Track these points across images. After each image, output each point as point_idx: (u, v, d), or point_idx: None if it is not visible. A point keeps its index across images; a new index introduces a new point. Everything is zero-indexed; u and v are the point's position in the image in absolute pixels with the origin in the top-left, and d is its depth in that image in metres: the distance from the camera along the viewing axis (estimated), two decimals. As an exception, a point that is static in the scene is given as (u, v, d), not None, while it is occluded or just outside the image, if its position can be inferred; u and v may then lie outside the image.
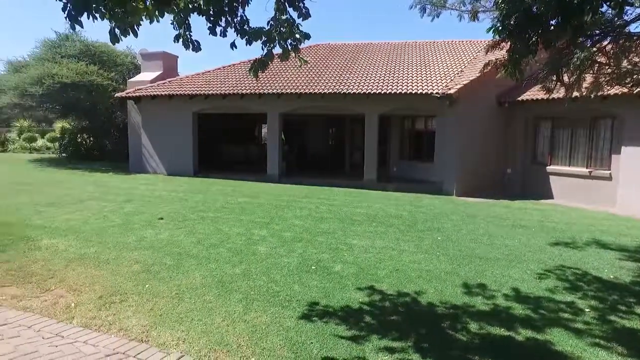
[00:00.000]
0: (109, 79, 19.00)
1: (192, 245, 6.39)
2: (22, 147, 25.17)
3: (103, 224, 7.61)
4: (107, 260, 5.71)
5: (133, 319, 4.05)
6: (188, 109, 15.62)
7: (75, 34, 21.63)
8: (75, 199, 9.94)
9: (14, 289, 4.73)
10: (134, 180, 13.82)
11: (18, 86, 17.83)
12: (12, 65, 20.49)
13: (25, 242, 6.35)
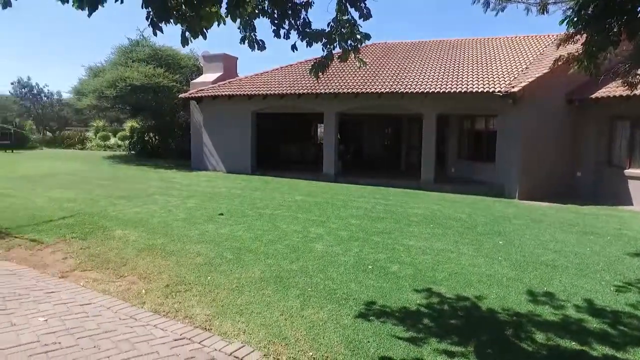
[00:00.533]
0: (173, 80, 20.06)
1: (250, 241, 6.60)
2: (97, 145, 27.24)
3: (168, 217, 8.06)
4: (172, 251, 6.04)
5: (197, 307, 4.26)
6: (247, 108, 16.12)
7: (145, 39, 23.10)
8: (143, 193, 10.60)
9: (95, 273, 5.15)
10: (196, 177, 14.50)
11: (96, 89, 19.33)
12: (92, 71, 22.26)
13: (102, 232, 6.88)
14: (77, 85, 22.89)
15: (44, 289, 4.58)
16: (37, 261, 5.53)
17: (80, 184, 11.84)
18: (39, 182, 12.10)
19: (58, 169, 15.55)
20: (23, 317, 3.83)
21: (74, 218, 7.70)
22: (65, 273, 5.15)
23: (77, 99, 23.31)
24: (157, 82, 19.15)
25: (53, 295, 4.43)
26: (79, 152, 24.32)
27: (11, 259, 5.53)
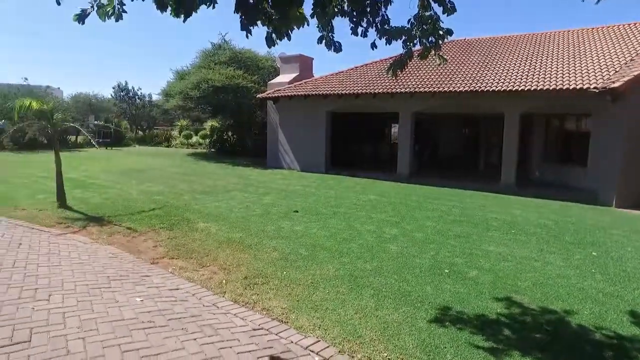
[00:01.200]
0: (252, 81, 20.93)
1: (325, 239, 6.69)
2: (181, 142, 29.28)
3: (246, 213, 8.42)
4: (250, 245, 6.31)
5: (274, 300, 4.41)
6: (322, 108, 16.36)
7: (226, 43, 24.36)
8: (223, 189, 11.18)
9: (181, 261, 5.54)
10: (271, 174, 15.01)
11: (182, 91, 20.77)
12: (178, 74, 23.96)
13: (187, 224, 7.37)
14: (165, 88, 24.76)
15: (139, 273, 5.02)
16: (132, 247, 6.07)
17: (166, 179, 12.79)
18: (133, 176, 13.27)
19: (148, 164, 16.94)
20: (124, 295, 4.24)
21: (162, 210, 8.33)
22: (156, 260, 5.60)
23: (165, 100, 25.22)
24: (236, 83, 20.10)
25: (147, 279, 4.84)
26: (164, 150, 26.30)
27: (113, 244, 6.13)
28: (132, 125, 34.85)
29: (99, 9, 3.67)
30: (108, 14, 3.72)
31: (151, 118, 35.77)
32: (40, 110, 8.26)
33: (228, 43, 24.42)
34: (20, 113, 8.16)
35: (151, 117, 35.61)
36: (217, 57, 22.85)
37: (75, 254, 5.53)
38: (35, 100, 8.36)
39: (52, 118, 8.54)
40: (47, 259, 5.21)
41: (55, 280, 4.52)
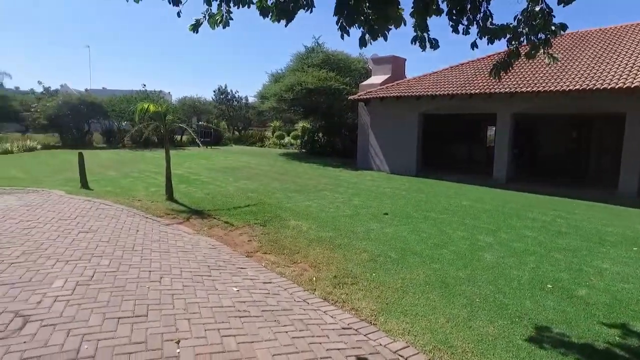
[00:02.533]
0: (343, 83, 21.16)
1: (415, 243, 6.53)
2: (274, 143, 30.62)
3: (336, 212, 8.53)
4: (339, 245, 6.38)
5: (363, 301, 4.41)
6: (414, 109, 16.00)
7: (319, 46, 24.95)
8: (314, 188, 11.46)
9: (273, 256, 5.79)
10: (361, 176, 15.04)
11: (276, 93, 21.72)
12: (273, 77, 25.12)
13: (279, 220, 7.69)
14: (261, 90, 26.08)
15: (235, 264, 5.35)
16: (229, 240, 6.50)
17: (260, 177, 13.46)
18: (230, 173, 14.19)
19: (243, 163, 17.99)
20: (222, 284, 4.55)
21: (256, 206, 8.78)
22: (250, 253, 5.93)
23: (261, 102, 26.55)
24: (329, 85, 20.48)
25: (242, 271, 5.14)
26: (258, 149, 27.68)
27: (212, 236, 6.62)
28: (230, 126, 37.26)
29: (210, 18, 3.99)
30: (217, 22, 4.03)
31: (246, 119, 37.88)
32: (156, 112, 9.21)
33: (321, 46, 25.01)
34: (140, 115, 9.19)
35: (247, 118, 37.71)
36: (311, 60, 23.49)
37: (181, 242, 6.08)
38: (152, 103, 9.34)
39: (164, 119, 9.48)
40: (158, 245, 5.80)
41: (165, 264, 5.01)
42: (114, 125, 28.50)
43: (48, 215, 7.00)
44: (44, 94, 32.44)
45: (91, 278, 4.39)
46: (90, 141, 27.47)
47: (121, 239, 5.88)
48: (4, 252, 5.06)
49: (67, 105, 25.90)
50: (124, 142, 27.16)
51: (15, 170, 14.03)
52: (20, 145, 21.85)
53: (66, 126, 26.56)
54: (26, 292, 3.94)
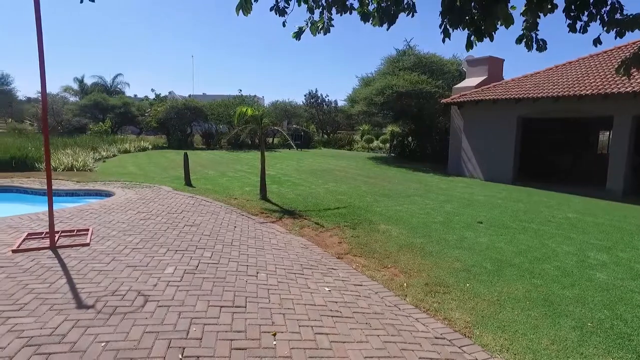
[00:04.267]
0: (436, 86, 20.53)
1: (513, 255, 6.11)
2: (362, 146, 30.70)
3: (426, 219, 8.30)
4: (430, 252, 6.20)
5: (456, 312, 4.23)
6: (512, 113, 14.99)
7: (411, 48, 24.49)
8: (403, 193, 11.27)
9: (363, 259, 5.81)
10: (452, 182, 14.45)
11: (366, 97, 21.77)
12: (363, 80, 25.21)
13: (368, 224, 7.68)
14: (350, 94, 26.31)
15: (326, 265, 5.46)
16: (320, 241, 6.65)
17: (349, 180, 13.58)
18: (320, 175, 14.52)
19: (332, 165, 18.28)
20: (314, 283, 4.68)
21: (346, 209, 8.87)
22: (341, 255, 6.00)
23: (350, 106, 26.79)
24: (420, 88, 20.02)
25: (333, 272, 5.23)
26: (346, 152, 27.93)
27: (303, 236, 6.84)
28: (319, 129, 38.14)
29: (312, 25, 4.15)
30: (318, 29, 4.18)
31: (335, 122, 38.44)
32: (253, 116, 9.76)
33: (413, 48, 24.54)
34: (239, 118, 9.81)
35: (335, 121, 38.28)
36: (402, 63, 23.16)
37: (275, 240, 6.36)
38: (250, 107, 9.92)
39: (261, 122, 10.01)
40: (254, 242, 6.13)
41: (260, 260, 5.29)
42: (213, 127, 30.74)
43: (159, 209, 7.77)
44: (156, 100, 36.10)
45: (196, 268, 4.78)
46: (192, 142, 29.94)
47: (221, 234, 6.33)
48: (127, 238, 5.73)
49: (174, 110, 28.54)
50: (221, 143, 29.19)
51: (132, 167, 15.81)
52: (135, 146, 24.55)
53: (172, 129, 29.27)
54: (145, 275, 4.42)
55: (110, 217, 6.91)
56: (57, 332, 3.22)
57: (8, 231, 5.90)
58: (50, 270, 4.49)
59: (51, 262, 4.72)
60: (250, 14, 4.00)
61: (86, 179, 11.18)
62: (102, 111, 33.84)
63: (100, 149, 19.88)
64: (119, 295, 3.93)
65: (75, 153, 16.46)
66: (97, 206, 7.80)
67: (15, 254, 4.94)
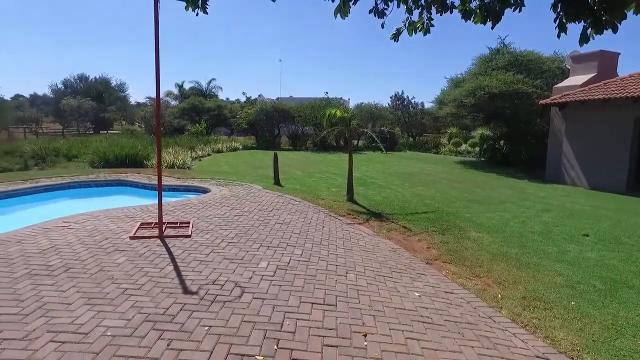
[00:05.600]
0: (533, 86, 19.05)
1: (630, 275, 5.46)
2: (449, 150, 29.50)
3: (522, 228, 7.75)
4: (527, 263, 5.78)
5: (560, 331, 3.89)
6: (628, 114, 13.39)
7: (506, 47, 23.02)
8: (495, 200, 10.63)
9: (453, 266, 5.60)
10: (551, 189, 13.30)
11: (456, 98, 20.88)
12: (452, 82, 24.26)
13: (458, 230, 7.38)
14: (439, 96, 25.44)
15: (415, 269, 5.35)
16: (408, 245, 6.52)
17: (436, 184, 13.14)
18: (406, 179, 14.25)
19: (419, 169, 17.83)
20: (403, 287, 4.61)
21: (434, 214, 8.60)
22: (430, 260, 5.84)
23: (438, 108, 25.91)
24: (515, 88, 18.73)
25: (422, 277, 5.11)
26: (433, 156, 27.03)
27: (391, 239, 6.76)
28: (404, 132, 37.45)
29: (410, 26, 4.09)
30: (417, 30, 4.11)
31: (422, 125, 37.46)
32: (342, 118, 9.88)
33: (508, 46, 23.05)
34: (328, 120, 9.99)
35: (422, 124, 37.30)
36: (495, 62, 21.87)
37: (363, 242, 6.37)
38: (339, 109, 10.05)
39: (349, 124, 10.10)
40: (342, 242, 6.21)
41: (349, 261, 5.33)
42: (299, 129, 31.66)
43: (251, 206, 8.19)
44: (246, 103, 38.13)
45: (288, 264, 4.96)
46: (279, 143, 31.11)
47: (310, 233, 6.49)
48: (224, 232, 6.14)
49: (263, 112, 29.90)
50: (306, 144, 29.96)
51: (225, 166, 16.86)
52: (227, 146, 26.15)
53: (261, 130, 30.68)
54: (241, 268, 4.70)
55: (207, 212, 7.44)
56: (169, 312, 3.55)
57: (126, 220, 6.63)
58: (160, 257, 4.96)
59: (160, 250, 5.22)
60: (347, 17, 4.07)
61: (185, 176, 12.15)
62: (198, 113, 36.57)
63: (196, 149, 21.51)
64: (219, 284, 4.22)
65: (176, 152, 18.00)
66: (196, 201, 8.44)
67: (132, 240, 5.55)
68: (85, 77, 50.54)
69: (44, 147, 17.07)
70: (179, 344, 3.08)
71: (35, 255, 4.81)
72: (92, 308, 3.58)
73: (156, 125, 6.05)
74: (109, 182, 11.04)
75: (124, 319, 3.40)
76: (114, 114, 45.70)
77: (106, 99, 47.48)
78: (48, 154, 16.48)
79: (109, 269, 4.48)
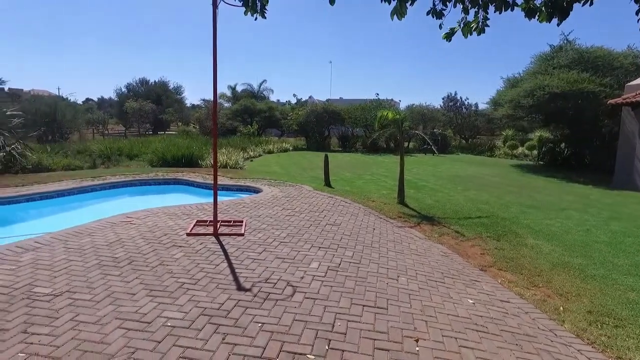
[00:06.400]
0: (601, 85, 17.82)
1: None
2: (504, 153, 28.25)
3: (586, 237, 7.29)
4: (593, 276, 5.42)
5: (636, 353, 3.61)
6: None
7: (570, 43, 21.69)
8: (555, 206, 10.06)
9: (509, 274, 5.36)
10: (620, 196, 12.37)
11: (512, 99, 19.94)
12: (509, 82, 23.22)
13: (514, 237, 7.05)
14: (494, 96, 24.43)
15: (469, 276, 5.18)
16: (461, 250, 6.33)
17: (490, 188, 12.64)
18: (458, 182, 13.83)
19: (472, 172, 17.24)
20: (456, 294, 4.48)
21: (488, 219, 8.28)
22: (484, 267, 5.63)
23: (493, 109, 24.91)
24: (580, 87, 17.60)
25: (476, 284, 4.93)
26: (487, 159, 26.02)
27: (443, 244, 6.59)
28: (456, 134, 36.37)
29: (465, 26, 3.97)
30: (471, 30, 3.97)
31: (475, 127, 36.21)
32: (394, 120, 9.76)
33: (572, 43, 21.69)
34: (380, 122, 9.91)
35: (475, 126, 36.06)
36: (557, 60, 20.70)
37: (414, 246, 6.26)
38: (391, 111, 9.94)
39: (401, 126, 9.95)
40: (393, 245, 6.13)
41: (400, 264, 5.26)
42: (349, 130, 31.63)
43: (302, 206, 8.29)
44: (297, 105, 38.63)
45: (338, 265, 4.98)
46: (329, 144, 31.24)
47: (360, 235, 6.47)
48: (275, 232, 6.26)
49: (313, 114, 30.17)
50: (356, 146, 29.88)
51: (276, 166, 17.20)
52: (278, 147, 26.63)
53: (311, 131, 30.96)
54: (292, 267, 4.77)
55: (259, 212, 7.62)
56: (223, 307, 3.68)
57: (182, 217, 6.94)
58: (215, 254, 5.15)
59: (215, 247, 5.41)
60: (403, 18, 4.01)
61: (237, 176, 12.51)
62: (250, 115, 37.55)
63: (248, 150, 22.09)
64: (271, 283, 4.31)
65: (229, 152, 18.58)
66: (248, 201, 8.67)
67: (189, 237, 5.79)
68: (145, 80, 53.41)
69: (109, 147, 18.26)
70: (233, 339, 3.18)
71: (103, 247, 5.16)
72: (154, 299, 3.78)
73: (214, 129, 6.29)
74: (166, 181, 11.59)
75: (182, 312, 3.56)
76: (171, 116, 47.95)
77: (164, 101, 49.92)
78: (113, 153, 17.60)
79: (168, 263, 4.71)
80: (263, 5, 4.23)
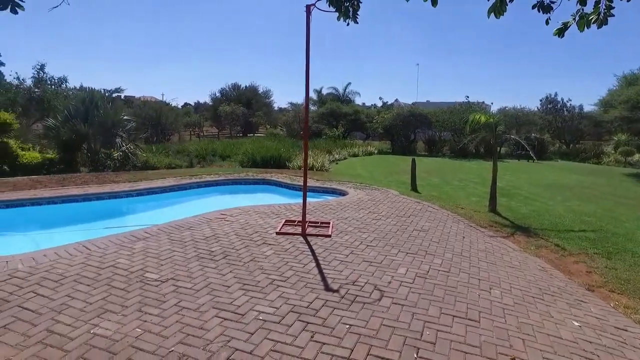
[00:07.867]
0: None
1: None
2: (616, 160, 25.28)
3: None
4: None
5: None
6: None
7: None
8: (680, 222, 8.77)
9: (625, 298, 4.78)
10: None
11: (629, 99, 17.82)
12: (625, 80, 20.76)
13: (630, 256, 6.28)
14: (605, 97, 22.02)
15: (572, 295, 4.71)
16: (562, 266, 5.79)
17: (598, 199, 11.40)
18: (557, 191, 12.68)
19: (574, 181, 15.69)
20: (559, 313, 4.10)
21: (595, 233, 7.48)
22: (591, 287, 5.09)
23: (603, 111, 22.45)
24: None
25: (582, 304, 4.47)
26: (593, 167, 23.50)
27: (540, 257, 6.08)
28: (555, 139, 33.40)
29: (581, 19, 3.62)
30: (590, 22, 3.61)
31: (578, 131, 32.94)
32: (487, 123, 9.24)
33: None
34: (472, 126, 9.44)
35: (578, 130, 32.80)
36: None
37: (508, 257, 5.86)
38: (483, 114, 9.43)
39: (495, 130, 9.39)
40: (484, 255, 5.80)
41: (493, 276, 4.95)
42: (436, 134, 30.61)
43: (388, 211, 8.19)
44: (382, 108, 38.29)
45: (427, 273, 4.83)
46: (415, 148, 30.50)
47: (450, 243, 6.22)
48: (362, 235, 6.26)
49: (399, 117, 29.68)
50: (443, 150, 28.82)
51: (361, 169, 17.20)
52: (363, 150, 26.61)
53: (397, 135, 30.47)
54: (379, 272, 4.73)
55: (345, 214, 7.67)
56: (312, 306, 3.76)
57: (272, 216, 7.24)
58: (303, 253, 5.29)
59: (303, 247, 5.56)
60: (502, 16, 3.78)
61: (323, 178, 12.73)
62: (335, 118, 38.02)
63: (333, 152, 22.37)
64: (358, 285, 4.31)
65: (315, 155, 18.98)
66: (334, 203, 8.78)
67: (278, 236, 6.02)
68: (237, 85, 56.63)
69: (204, 148, 19.69)
70: (321, 338, 3.24)
71: (201, 241, 5.57)
72: (246, 293, 3.98)
73: (304, 134, 6.48)
74: (256, 181, 12.19)
75: (273, 307, 3.71)
76: (260, 119, 50.32)
77: (254, 105, 52.56)
78: (207, 154, 18.96)
79: (259, 260, 4.94)
80: (355, 10, 4.27)
